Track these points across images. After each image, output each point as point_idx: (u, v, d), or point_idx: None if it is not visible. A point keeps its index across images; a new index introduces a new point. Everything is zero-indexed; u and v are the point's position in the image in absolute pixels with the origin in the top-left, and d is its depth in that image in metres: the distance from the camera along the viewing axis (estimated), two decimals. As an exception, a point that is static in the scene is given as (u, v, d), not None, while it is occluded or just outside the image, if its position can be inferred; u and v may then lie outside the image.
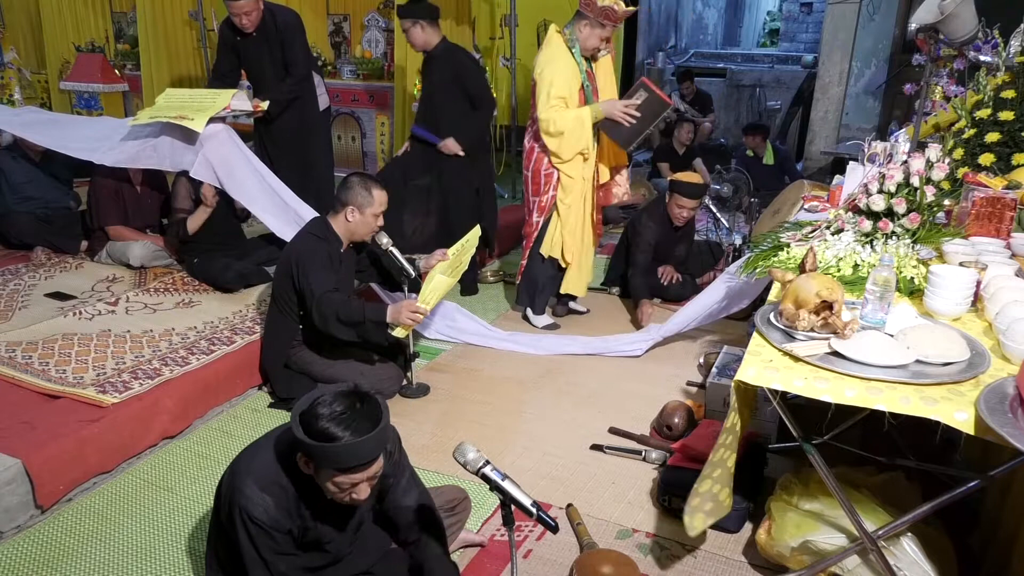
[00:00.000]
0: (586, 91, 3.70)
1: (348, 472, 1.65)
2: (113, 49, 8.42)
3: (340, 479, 1.66)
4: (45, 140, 4.39)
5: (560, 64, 3.60)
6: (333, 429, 1.61)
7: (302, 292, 3.04)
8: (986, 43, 3.37)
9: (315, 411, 1.63)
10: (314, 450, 1.62)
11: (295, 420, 1.64)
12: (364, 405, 1.67)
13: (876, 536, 1.93)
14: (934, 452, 2.28)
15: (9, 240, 4.63)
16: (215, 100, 4.04)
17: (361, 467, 1.65)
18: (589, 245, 4.04)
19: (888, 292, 1.93)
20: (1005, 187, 2.66)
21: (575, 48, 3.63)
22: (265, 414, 3.21)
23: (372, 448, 1.65)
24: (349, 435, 1.61)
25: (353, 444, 1.61)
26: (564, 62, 3.61)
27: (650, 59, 9.72)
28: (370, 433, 1.63)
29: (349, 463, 1.64)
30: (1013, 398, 1.60)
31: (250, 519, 1.72)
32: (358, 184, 3.08)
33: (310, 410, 1.64)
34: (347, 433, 1.61)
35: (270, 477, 1.75)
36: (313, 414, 1.63)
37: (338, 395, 1.67)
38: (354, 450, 1.62)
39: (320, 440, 1.60)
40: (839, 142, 7.10)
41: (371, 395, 1.71)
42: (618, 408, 3.26)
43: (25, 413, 2.79)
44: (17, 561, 2.32)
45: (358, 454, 1.63)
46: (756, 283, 3.11)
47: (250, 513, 1.71)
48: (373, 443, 1.64)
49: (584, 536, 2.40)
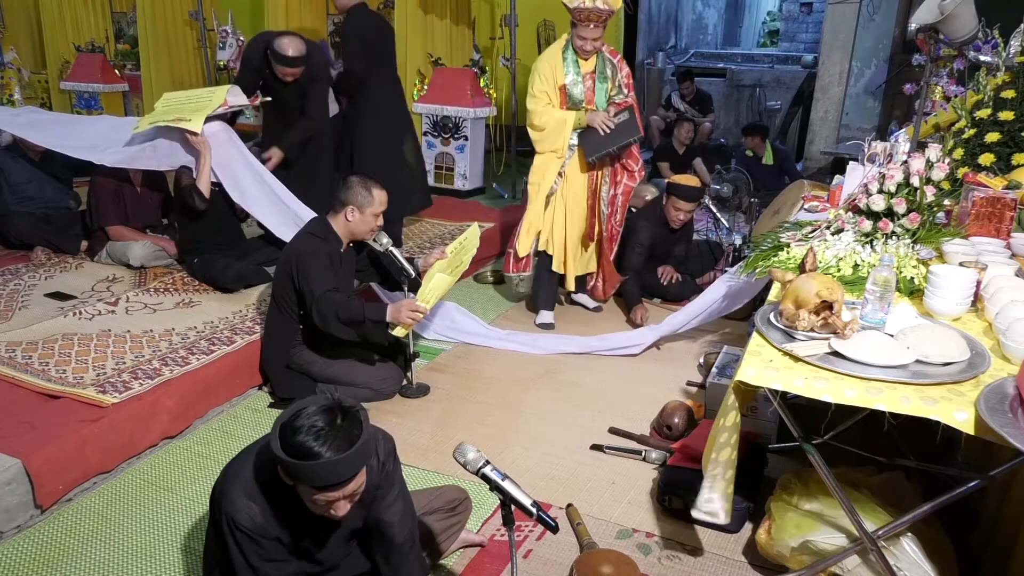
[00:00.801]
0: (570, 91, 3.77)
1: (324, 491, 1.60)
2: (113, 49, 8.43)
3: (317, 497, 1.61)
4: (45, 140, 4.38)
5: (545, 61, 3.81)
6: (310, 444, 1.55)
7: (302, 292, 3.03)
8: (986, 43, 3.37)
9: (294, 424, 1.58)
10: (290, 468, 1.58)
11: (275, 431, 1.60)
12: (345, 420, 1.61)
13: (876, 536, 1.93)
14: (934, 452, 2.28)
15: (9, 240, 4.63)
16: (211, 98, 4.04)
17: (337, 486, 1.60)
18: (576, 240, 4.07)
19: (888, 292, 1.93)
20: (1005, 187, 2.67)
21: (568, 50, 3.75)
22: (265, 414, 3.21)
23: (349, 467, 1.59)
24: (326, 452, 1.55)
25: (329, 463, 1.55)
26: (549, 60, 3.79)
27: (650, 59, 9.71)
28: (347, 452, 1.57)
29: (325, 481, 1.58)
30: (1013, 398, 1.60)
31: (236, 526, 1.68)
32: (358, 184, 3.08)
33: (290, 422, 1.59)
34: (323, 449, 1.55)
35: (257, 484, 1.71)
36: (292, 427, 1.58)
37: (320, 409, 1.61)
38: (330, 469, 1.56)
39: (296, 457, 1.55)
40: (839, 142, 7.10)
41: (354, 410, 1.65)
42: (618, 408, 3.26)
43: (25, 413, 2.78)
44: (17, 561, 2.31)
45: (334, 472, 1.57)
46: (756, 283, 3.12)
47: (236, 520, 1.68)
48: (350, 462, 1.58)
49: (584, 536, 2.40)
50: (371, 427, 1.68)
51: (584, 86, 3.78)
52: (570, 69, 3.77)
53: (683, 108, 8.21)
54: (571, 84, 3.77)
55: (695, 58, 10.57)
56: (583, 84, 3.77)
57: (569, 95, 3.79)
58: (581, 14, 3.61)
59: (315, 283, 2.97)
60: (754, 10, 12.84)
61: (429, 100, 6.68)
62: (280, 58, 4.08)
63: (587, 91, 3.79)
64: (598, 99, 3.81)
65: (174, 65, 7.87)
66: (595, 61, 3.80)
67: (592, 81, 3.79)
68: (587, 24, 3.63)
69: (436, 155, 6.79)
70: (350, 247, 3.24)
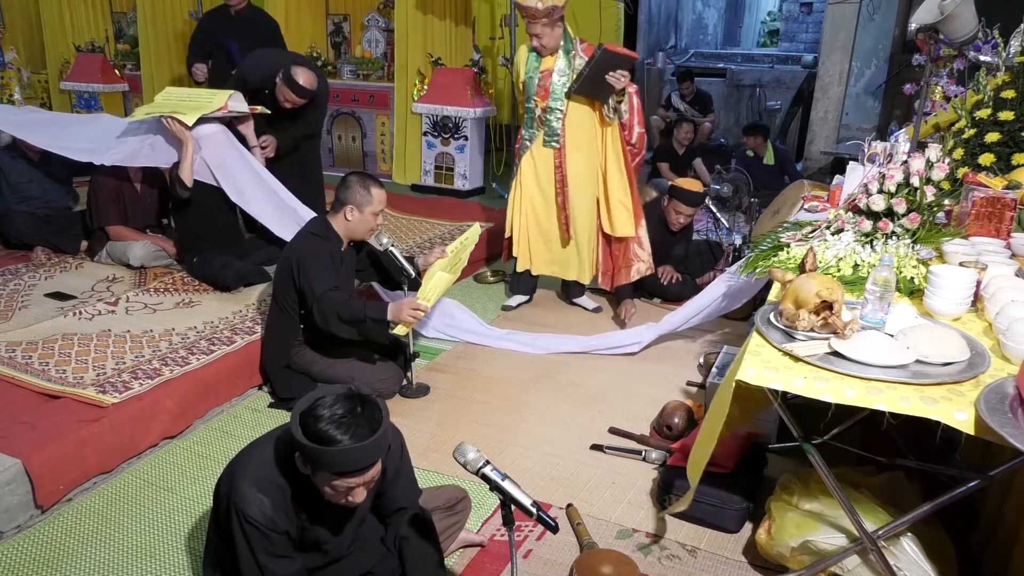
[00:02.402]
0: (526, 85, 3.96)
1: (345, 476, 1.63)
2: (113, 49, 8.42)
3: (337, 483, 1.65)
4: (43, 141, 4.37)
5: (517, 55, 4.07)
6: (332, 432, 1.59)
7: (303, 291, 3.04)
8: (986, 43, 3.37)
9: (315, 412, 1.62)
10: (312, 453, 1.61)
11: (295, 419, 1.63)
12: (365, 409, 1.65)
13: (876, 536, 1.93)
14: (934, 452, 2.28)
15: (9, 240, 4.62)
16: (211, 100, 4.04)
17: (358, 472, 1.64)
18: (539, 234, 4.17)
19: (888, 292, 1.93)
20: (1005, 187, 2.66)
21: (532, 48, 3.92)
22: (265, 414, 3.21)
23: (370, 454, 1.64)
24: (348, 439, 1.59)
25: (351, 449, 1.59)
26: (519, 55, 4.04)
27: (650, 59, 9.71)
28: (369, 439, 1.61)
29: (346, 468, 1.62)
30: (1013, 398, 1.60)
31: (246, 519, 1.70)
32: (357, 183, 3.08)
33: (310, 411, 1.63)
34: (346, 437, 1.59)
35: (267, 477, 1.74)
36: (313, 415, 1.62)
37: (340, 397, 1.65)
38: (352, 455, 1.61)
39: (318, 443, 1.59)
40: (839, 142, 7.10)
41: (372, 399, 1.69)
42: (618, 408, 3.26)
43: (25, 413, 2.78)
44: (17, 561, 2.31)
45: (356, 459, 1.62)
46: (755, 283, 3.12)
47: (246, 513, 1.70)
48: (372, 449, 1.63)
49: (584, 536, 2.40)
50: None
51: (537, 82, 3.91)
52: (530, 65, 3.93)
53: (683, 108, 8.21)
54: (528, 78, 3.95)
55: (695, 58, 10.57)
56: (537, 80, 3.91)
57: (525, 89, 3.99)
58: (521, 11, 3.78)
59: (316, 282, 2.98)
60: (754, 10, 12.84)
61: (429, 100, 6.68)
62: (291, 83, 4.08)
63: (540, 87, 3.92)
64: (554, 93, 3.89)
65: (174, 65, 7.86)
66: (556, 59, 3.87)
67: (549, 77, 3.88)
68: (532, 22, 3.75)
69: (436, 155, 6.79)
70: (350, 246, 3.24)
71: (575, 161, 3.97)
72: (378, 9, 7.36)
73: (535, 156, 4.05)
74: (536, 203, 4.13)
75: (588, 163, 3.98)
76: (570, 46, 3.86)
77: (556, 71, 3.86)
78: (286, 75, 4.09)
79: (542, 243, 4.21)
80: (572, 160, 3.97)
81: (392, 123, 7.15)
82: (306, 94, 4.16)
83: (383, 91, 7.14)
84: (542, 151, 4.02)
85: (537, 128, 4.01)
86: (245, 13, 5.31)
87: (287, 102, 4.17)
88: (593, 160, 3.99)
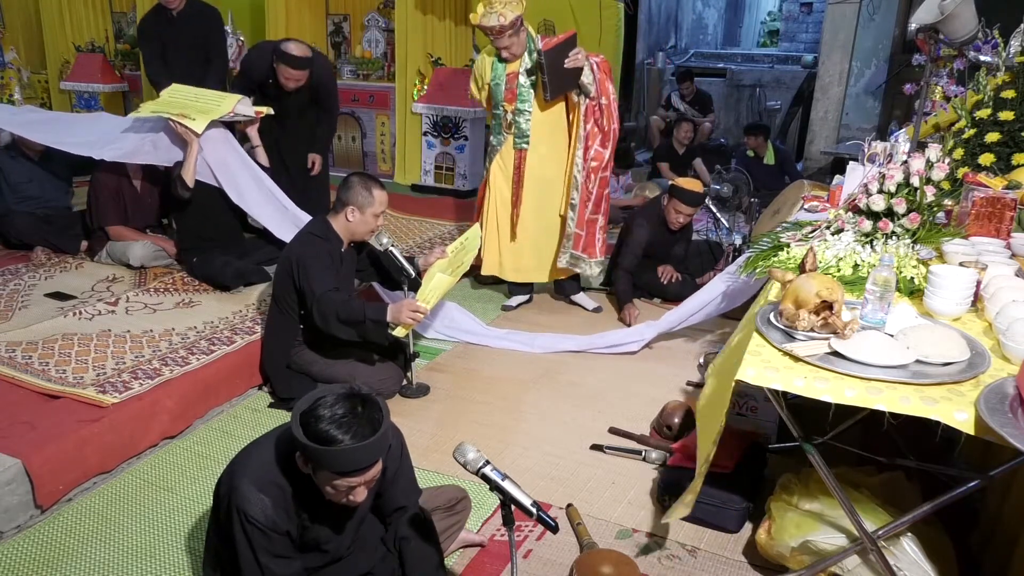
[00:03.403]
0: (493, 90, 3.99)
1: (346, 476, 1.64)
2: (113, 49, 8.41)
3: (338, 482, 1.65)
4: (44, 138, 4.38)
5: (478, 61, 4.12)
6: (333, 432, 1.59)
7: (303, 291, 3.03)
8: (986, 43, 3.37)
9: (316, 412, 1.62)
10: (313, 452, 1.61)
11: (295, 419, 1.64)
12: (365, 409, 1.65)
13: (876, 536, 1.93)
14: (934, 452, 2.28)
15: (9, 240, 4.62)
16: (220, 104, 4.04)
17: (359, 471, 1.64)
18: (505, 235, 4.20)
19: (888, 292, 1.93)
20: (1005, 187, 2.66)
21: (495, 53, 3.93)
22: (265, 414, 3.21)
23: (371, 453, 1.64)
24: (349, 439, 1.59)
25: (352, 449, 1.60)
26: (480, 61, 4.09)
27: (650, 59, 9.71)
28: (370, 438, 1.61)
29: (347, 467, 1.62)
30: (1013, 398, 1.60)
31: (247, 519, 1.70)
32: (358, 184, 3.08)
33: (311, 410, 1.63)
34: (347, 437, 1.59)
35: (268, 477, 1.74)
36: (314, 415, 1.62)
37: (340, 397, 1.65)
38: (353, 455, 1.61)
39: (319, 443, 1.59)
40: (839, 142, 7.10)
41: (373, 398, 1.69)
42: (618, 408, 3.26)
43: (25, 413, 2.78)
44: (17, 561, 2.31)
45: (357, 459, 1.62)
46: (755, 283, 3.11)
47: (247, 513, 1.70)
48: (372, 448, 1.63)
49: (584, 536, 2.40)
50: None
51: (504, 86, 3.95)
52: (496, 71, 3.96)
53: (683, 108, 8.21)
54: (494, 85, 3.99)
55: (695, 58, 10.57)
56: (504, 84, 3.95)
57: (493, 94, 4.03)
58: (486, 31, 3.81)
59: (316, 283, 2.97)
60: (754, 10, 12.84)
61: (429, 100, 6.68)
62: (285, 57, 4.09)
63: (507, 91, 3.95)
64: (521, 95, 3.92)
65: (174, 65, 7.87)
66: (521, 61, 3.90)
67: (516, 79, 3.92)
68: (498, 37, 3.79)
69: (436, 155, 6.79)
70: (351, 247, 3.24)
71: (538, 161, 4.02)
72: (378, 9, 7.35)
73: (504, 160, 4.10)
74: (507, 208, 4.16)
75: (554, 163, 4.03)
76: (532, 45, 3.88)
77: (522, 72, 3.90)
78: (278, 52, 4.12)
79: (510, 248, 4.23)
80: (535, 160, 4.02)
81: (392, 123, 7.15)
82: (303, 63, 4.17)
83: (383, 91, 7.14)
84: (511, 153, 4.06)
85: (506, 132, 4.05)
86: (186, 12, 4.95)
87: (290, 80, 4.19)
88: (560, 162, 4.03)
